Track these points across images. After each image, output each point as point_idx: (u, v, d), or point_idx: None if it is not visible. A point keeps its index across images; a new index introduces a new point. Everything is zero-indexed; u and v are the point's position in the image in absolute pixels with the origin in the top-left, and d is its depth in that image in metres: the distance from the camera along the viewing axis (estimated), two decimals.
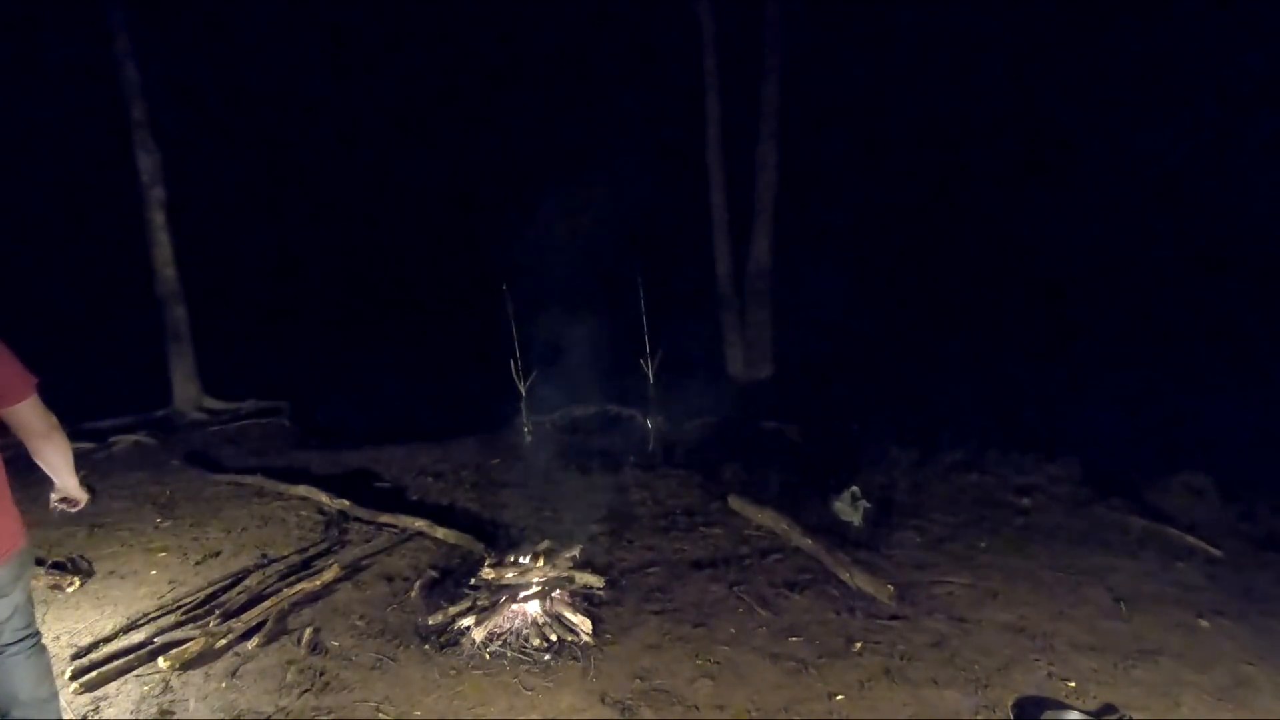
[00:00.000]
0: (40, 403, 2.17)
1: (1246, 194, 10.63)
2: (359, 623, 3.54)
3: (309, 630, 3.42)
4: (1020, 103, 12.07)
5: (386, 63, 13.74)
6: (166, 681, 3.07)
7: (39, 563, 4.11)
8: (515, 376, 6.39)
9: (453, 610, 3.50)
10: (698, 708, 2.86)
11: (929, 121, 12.46)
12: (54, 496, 2.42)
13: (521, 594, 3.50)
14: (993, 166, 12.25)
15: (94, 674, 3.06)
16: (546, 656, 3.19)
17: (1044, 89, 11.97)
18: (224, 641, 3.31)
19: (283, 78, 12.76)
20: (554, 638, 3.30)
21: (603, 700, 2.91)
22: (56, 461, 2.28)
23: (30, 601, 2.29)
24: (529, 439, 6.53)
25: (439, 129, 14.37)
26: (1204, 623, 3.45)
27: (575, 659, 3.18)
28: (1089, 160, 11.93)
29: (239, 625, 3.40)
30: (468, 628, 3.34)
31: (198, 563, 4.27)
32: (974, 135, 12.27)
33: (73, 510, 2.45)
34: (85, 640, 3.42)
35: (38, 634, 2.30)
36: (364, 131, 14.21)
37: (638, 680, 3.04)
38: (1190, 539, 4.33)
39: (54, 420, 2.22)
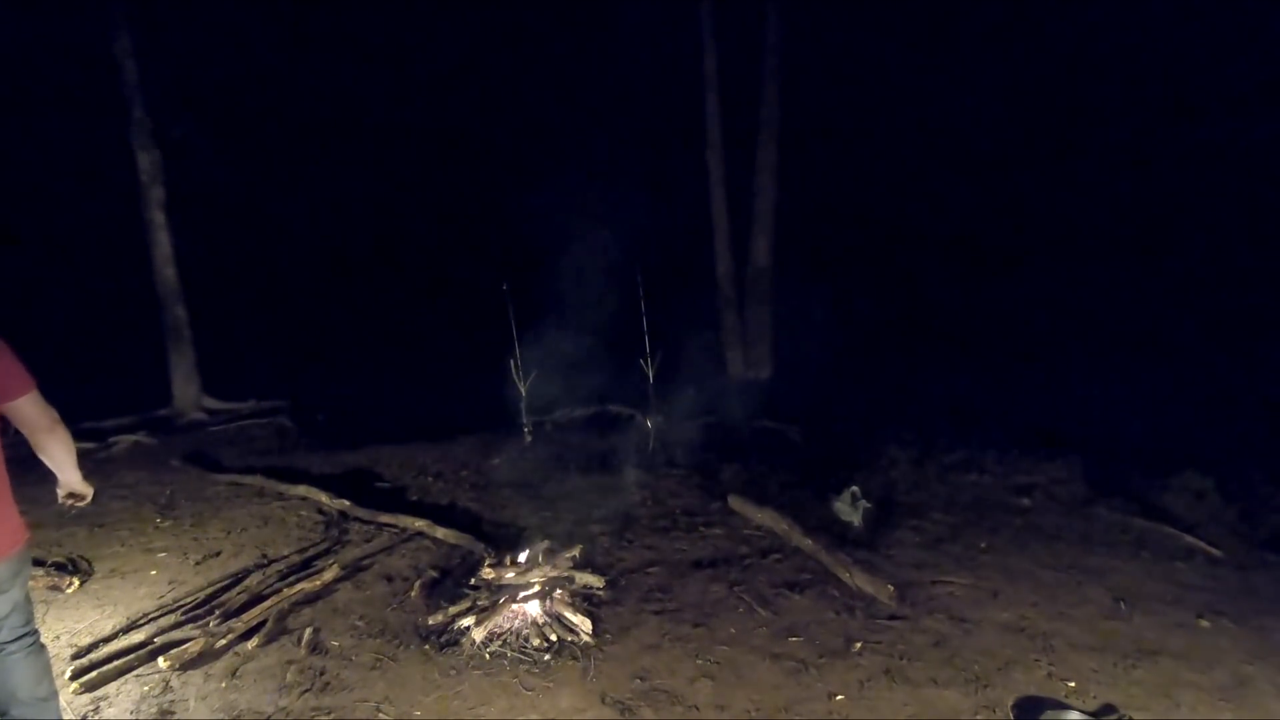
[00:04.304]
0: (41, 398, 2.21)
1: (1247, 194, 10.63)
2: (359, 623, 3.53)
3: (309, 630, 3.42)
4: (1019, 102, 12.07)
5: (388, 62, 13.74)
6: (166, 681, 3.07)
7: (39, 563, 4.11)
8: (515, 376, 6.39)
9: (453, 610, 3.49)
10: (698, 708, 2.86)
11: (930, 120, 12.46)
12: (60, 492, 2.45)
13: (521, 594, 3.50)
14: (993, 166, 12.26)
15: (94, 674, 3.06)
16: (546, 656, 3.19)
17: (1041, 89, 11.98)
18: (224, 641, 3.31)
19: (284, 76, 12.75)
20: (554, 638, 3.30)
21: (603, 700, 2.90)
22: (60, 456, 2.32)
23: (29, 600, 2.29)
24: (529, 439, 6.53)
25: (440, 128, 14.36)
26: (1204, 623, 3.44)
27: (575, 659, 3.18)
28: (1085, 160, 11.93)
29: (239, 625, 3.40)
30: (468, 628, 3.34)
31: (198, 563, 4.27)
32: (974, 134, 12.27)
33: (80, 504, 2.49)
34: (85, 640, 3.42)
35: (36, 632, 2.30)
36: (364, 132, 14.21)
37: (638, 680, 3.04)
38: (1190, 539, 4.33)
39: (56, 415, 2.26)
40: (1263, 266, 9.88)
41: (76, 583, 3.99)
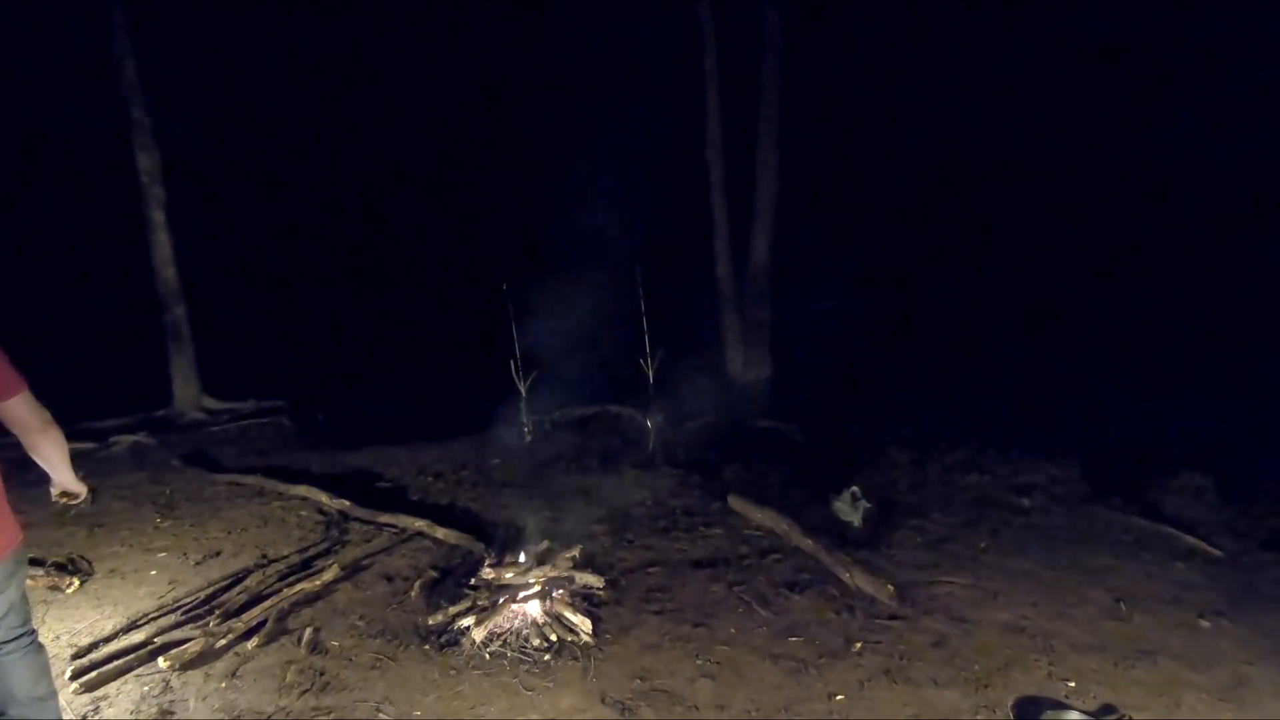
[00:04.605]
0: (33, 398, 2.19)
1: (1245, 196, 10.62)
2: (359, 623, 3.53)
3: (309, 630, 3.42)
4: (1019, 105, 12.05)
5: (388, 61, 13.73)
6: (166, 681, 3.07)
7: (38, 563, 4.11)
8: (515, 376, 6.39)
9: (453, 610, 3.49)
10: (698, 708, 2.86)
11: (929, 122, 12.46)
12: (54, 491, 2.43)
13: (521, 594, 3.50)
14: (993, 167, 12.25)
15: (94, 674, 3.06)
16: (546, 656, 3.19)
17: (1042, 92, 11.96)
18: (224, 641, 3.31)
19: (284, 76, 12.75)
20: (554, 638, 3.30)
21: (603, 700, 2.90)
22: (53, 456, 2.30)
23: (26, 600, 2.28)
24: (529, 439, 6.53)
25: (441, 129, 14.36)
26: (1204, 623, 3.45)
27: (575, 659, 3.18)
28: (1087, 161, 11.92)
29: (239, 625, 3.40)
30: (468, 628, 3.34)
31: (198, 563, 4.27)
32: (976, 133, 12.26)
33: (75, 503, 2.47)
34: (85, 640, 3.41)
35: (34, 632, 2.30)
36: (365, 131, 14.20)
37: (638, 680, 3.04)
38: (1190, 539, 4.33)
39: (48, 415, 2.24)
40: (1262, 264, 9.88)
41: (76, 583, 3.99)
